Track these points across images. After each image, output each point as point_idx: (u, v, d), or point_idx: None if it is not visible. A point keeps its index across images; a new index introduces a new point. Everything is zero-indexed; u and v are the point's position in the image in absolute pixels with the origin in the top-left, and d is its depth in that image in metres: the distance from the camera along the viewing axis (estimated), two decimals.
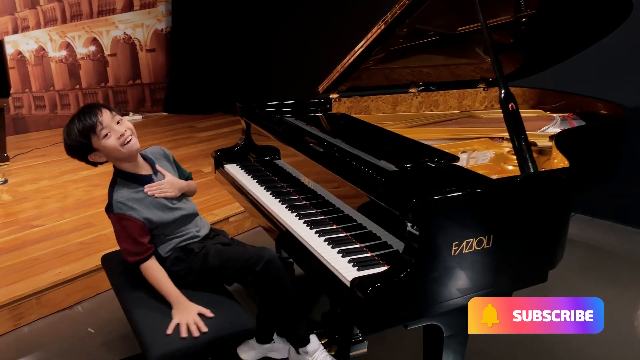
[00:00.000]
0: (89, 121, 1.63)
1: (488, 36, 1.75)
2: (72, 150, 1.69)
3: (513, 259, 1.47)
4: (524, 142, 1.57)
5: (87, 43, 5.77)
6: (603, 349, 2.22)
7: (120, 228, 1.69)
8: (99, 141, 1.65)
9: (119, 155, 1.68)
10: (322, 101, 2.42)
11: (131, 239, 1.68)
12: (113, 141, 1.65)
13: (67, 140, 1.68)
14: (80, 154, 1.69)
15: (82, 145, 1.66)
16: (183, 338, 1.55)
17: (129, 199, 1.69)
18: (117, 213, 1.68)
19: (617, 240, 3.30)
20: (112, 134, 1.65)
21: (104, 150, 1.67)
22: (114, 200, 1.69)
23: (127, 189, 1.71)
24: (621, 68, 3.29)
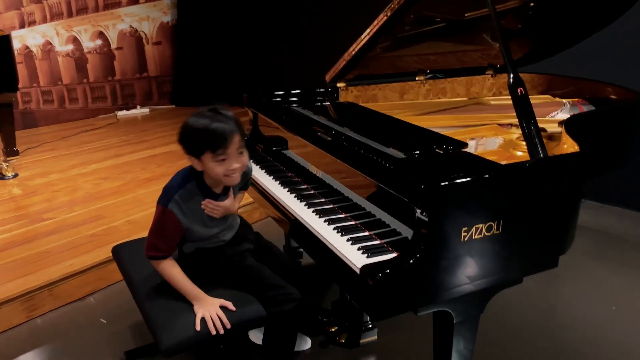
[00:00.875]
0: (217, 141, 1.50)
1: (496, 22, 1.73)
2: (184, 139, 1.57)
3: (523, 244, 1.47)
4: (534, 127, 1.55)
5: (93, 37, 5.78)
6: (614, 333, 2.22)
7: (160, 221, 1.62)
8: (209, 159, 1.54)
9: (215, 178, 1.61)
10: (329, 90, 2.41)
11: (164, 237, 1.63)
12: (220, 169, 1.55)
13: (186, 132, 1.55)
14: (187, 149, 1.58)
15: (191, 147, 1.56)
16: (191, 326, 1.56)
17: (187, 203, 1.62)
18: (168, 208, 1.60)
19: (627, 226, 3.28)
20: (227, 162, 1.55)
21: (206, 167, 1.57)
22: (175, 196, 1.60)
23: (192, 194, 1.63)
24: (631, 52, 3.25)
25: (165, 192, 1.63)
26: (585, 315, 2.36)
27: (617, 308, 2.41)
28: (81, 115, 5.80)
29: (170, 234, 1.64)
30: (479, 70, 2.74)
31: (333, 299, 2.24)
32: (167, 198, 1.60)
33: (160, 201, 1.62)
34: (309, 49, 5.50)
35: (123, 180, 3.80)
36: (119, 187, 3.65)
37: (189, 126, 1.55)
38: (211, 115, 1.53)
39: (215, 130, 1.50)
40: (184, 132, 1.56)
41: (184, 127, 1.56)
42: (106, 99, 5.98)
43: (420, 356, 2.01)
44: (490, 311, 1.56)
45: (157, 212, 1.62)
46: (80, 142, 4.89)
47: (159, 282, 1.73)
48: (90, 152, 4.55)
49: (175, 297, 1.67)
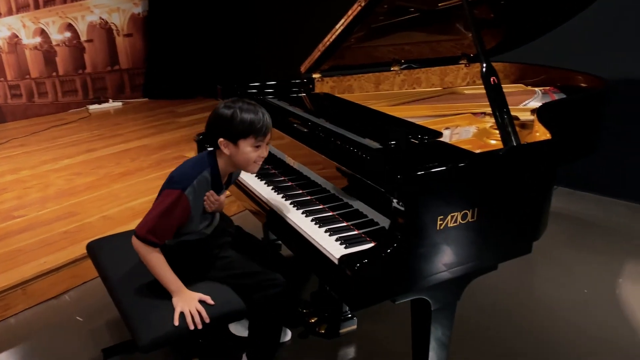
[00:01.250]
0: (264, 125, 1.58)
1: (469, 11, 1.75)
2: (223, 125, 1.58)
3: (498, 231, 1.49)
4: (506, 116, 1.58)
5: (62, 29, 5.63)
6: (586, 316, 2.28)
7: (173, 205, 1.57)
8: (246, 144, 1.59)
9: (241, 164, 1.63)
10: (304, 81, 2.40)
11: (169, 224, 1.59)
12: (254, 155, 1.61)
13: (231, 113, 1.57)
14: (222, 133, 1.59)
15: (235, 131, 1.57)
16: (169, 322, 1.55)
17: (200, 192, 1.62)
18: (185, 194, 1.57)
19: (597, 211, 3.37)
20: (261, 150, 1.62)
21: (239, 152, 1.59)
22: (193, 182, 1.59)
23: (206, 183, 1.63)
24: (600, 40, 3.32)
25: (181, 176, 1.61)
26: (558, 299, 2.42)
27: (588, 291, 2.48)
28: (51, 110, 5.66)
29: (177, 221, 1.60)
30: (453, 60, 2.76)
31: (312, 290, 2.25)
32: (185, 183, 1.58)
33: (176, 185, 1.58)
34: (284, 39, 5.46)
35: (96, 175, 3.72)
36: (92, 183, 3.58)
37: (237, 113, 1.57)
38: (255, 105, 1.61)
39: (262, 118, 1.59)
40: (230, 116, 1.57)
41: (232, 113, 1.57)
42: (77, 92, 5.84)
43: (399, 344, 2.04)
44: (467, 298, 1.59)
45: (169, 196, 1.57)
46: (51, 137, 4.77)
47: (136, 277, 1.71)
48: (62, 147, 4.45)
49: (152, 293, 1.65)
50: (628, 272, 2.62)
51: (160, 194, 1.62)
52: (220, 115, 1.58)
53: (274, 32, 5.58)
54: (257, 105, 1.61)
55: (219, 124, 1.59)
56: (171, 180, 1.62)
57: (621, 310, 2.32)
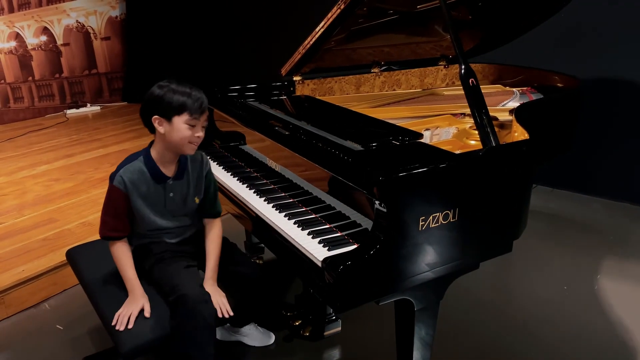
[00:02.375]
0: (200, 101, 1.57)
1: (447, 13, 1.77)
2: (155, 101, 1.58)
3: (478, 231, 1.51)
4: (485, 116, 1.60)
5: (37, 33, 5.54)
6: (564, 312, 2.32)
7: (108, 199, 1.65)
8: (180, 121, 1.57)
9: (176, 144, 1.61)
10: (285, 84, 2.40)
11: (114, 214, 1.65)
12: (188, 133, 1.58)
13: (164, 90, 1.57)
14: (156, 109, 1.58)
15: (169, 108, 1.56)
16: (151, 328, 1.55)
17: (132, 180, 1.63)
18: (115, 185, 1.63)
19: (576, 208, 3.43)
20: (195, 129, 1.59)
21: (173, 131, 1.58)
22: (120, 174, 1.62)
23: (139, 172, 1.64)
24: (575, 41, 3.38)
25: (119, 166, 1.66)
26: (538, 296, 2.46)
27: (568, 288, 2.52)
28: (28, 115, 5.56)
29: (119, 211, 1.64)
30: (432, 62, 2.79)
31: (296, 292, 2.25)
32: (113, 175, 1.64)
33: (110, 180, 1.65)
34: (264, 42, 5.45)
35: (75, 181, 3.67)
36: (71, 189, 3.52)
37: (171, 88, 1.57)
38: (189, 85, 1.60)
39: (198, 95, 1.58)
40: (163, 91, 1.57)
41: (166, 87, 1.58)
42: (54, 97, 5.75)
43: (384, 345, 2.04)
44: (449, 297, 1.60)
45: (108, 189, 1.66)
46: (28, 142, 4.69)
47: (116, 284, 1.69)
48: (40, 153, 4.37)
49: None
50: (605, 268, 2.68)
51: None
52: (153, 94, 1.59)
53: (254, 35, 5.57)
54: (192, 86, 1.61)
55: (152, 103, 1.59)
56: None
57: (599, 306, 2.37)
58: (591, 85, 3.27)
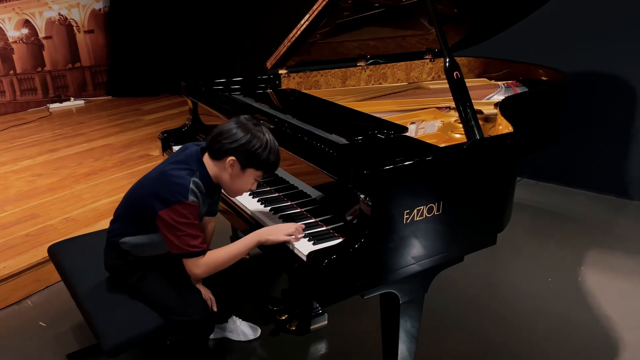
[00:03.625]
0: (273, 167, 1.55)
1: (432, 6, 1.76)
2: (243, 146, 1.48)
3: (463, 224, 1.51)
4: (470, 110, 1.60)
5: (18, 25, 5.44)
6: (549, 304, 2.34)
7: (189, 216, 1.47)
8: (251, 175, 1.54)
9: (232, 188, 1.57)
10: (271, 77, 2.38)
11: (197, 227, 1.50)
12: (248, 186, 1.57)
13: (261, 139, 1.49)
14: (241, 153, 1.49)
15: (250, 159, 1.50)
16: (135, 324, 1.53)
17: (201, 193, 1.51)
18: (192, 202, 1.47)
19: (559, 201, 3.47)
20: (254, 185, 1.58)
21: (242, 178, 1.54)
22: (191, 188, 1.47)
23: (199, 190, 1.51)
24: (560, 34, 3.40)
25: (177, 181, 1.48)
26: (523, 288, 2.48)
27: (552, 280, 2.55)
28: (9, 109, 5.47)
29: (198, 226, 1.50)
30: (418, 55, 2.79)
31: (283, 287, 2.25)
32: (182, 190, 1.47)
33: (175, 196, 1.46)
34: (249, 35, 5.41)
35: (59, 176, 3.62)
36: (54, 184, 3.48)
37: (269, 141, 1.51)
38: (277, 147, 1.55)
39: (278, 158, 1.55)
40: (263, 144, 1.49)
41: (267, 142, 1.50)
42: (36, 91, 5.66)
43: (370, 337, 2.05)
44: (434, 290, 1.61)
45: (176, 210, 1.46)
46: (10, 137, 4.61)
47: (99, 280, 1.67)
48: (22, 147, 4.30)
49: (117, 296, 1.62)
50: (589, 260, 2.71)
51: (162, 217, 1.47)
52: (249, 139, 1.48)
53: (239, 28, 5.53)
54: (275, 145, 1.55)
55: (241, 145, 1.48)
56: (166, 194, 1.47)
57: (583, 298, 2.40)
58: (576, 79, 3.30)
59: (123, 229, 1.63)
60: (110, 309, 1.57)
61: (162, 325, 1.56)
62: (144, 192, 1.55)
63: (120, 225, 1.65)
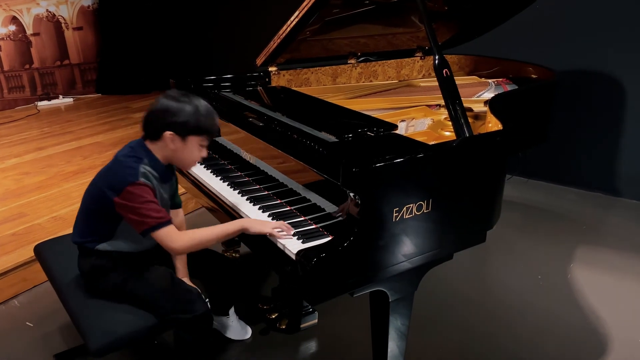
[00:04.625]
0: (214, 130, 1.56)
1: (421, 4, 1.76)
2: (176, 115, 1.49)
3: (452, 221, 1.51)
4: (459, 107, 1.60)
5: (5, 22, 5.37)
6: (538, 301, 2.35)
7: (144, 195, 1.47)
8: (195, 142, 1.54)
9: (182, 162, 1.59)
10: (260, 75, 2.36)
11: (155, 204, 1.49)
12: (197, 156, 1.58)
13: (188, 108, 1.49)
14: (174, 125, 1.50)
15: (189, 127, 1.50)
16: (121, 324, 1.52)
17: (152, 178, 1.52)
18: (145, 182, 1.48)
19: (549, 198, 3.48)
20: (203, 151, 1.59)
21: (187, 149, 1.54)
22: (141, 170, 1.49)
23: (151, 175, 1.52)
24: (551, 32, 3.41)
25: (126, 170, 1.49)
26: (512, 286, 2.48)
27: (542, 277, 2.55)
28: None
29: (157, 202, 1.50)
30: (409, 53, 2.79)
31: (273, 286, 2.23)
32: (133, 174, 1.47)
33: (126, 180, 1.46)
34: (239, 31, 5.38)
35: (46, 174, 3.58)
36: (42, 182, 3.44)
37: (199, 105, 1.52)
38: (209, 107, 1.55)
39: (215, 120, 1.56)
40: (193, 111, 1.51)
41: (195, 108, 1.51)
42: (24, 88, 5.59)
43: (360, 335, 2.04)
44: (423, 288, 1.60)
45: (131, 193, 1.45)
46: None
47: (85, 280, 1.65)
48: (9, 145, 4.25)
49: (103, 295, 1.60)
50: (578, 257, 2.72)
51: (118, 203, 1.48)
52: (178, 108, 1.50)
53: (229, 25, 5.49)
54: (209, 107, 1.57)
55: (172, 116, 1.50)
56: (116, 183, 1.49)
57: (572, 294, 2.41)
58: (566, 76, 3.31)
59: (94, 235, 1.61)
60: (96, 309, 1.56)
61: (152, 325, 1.54)
62: (97, 189, 1.55)
63: (89, 232, 1.62)
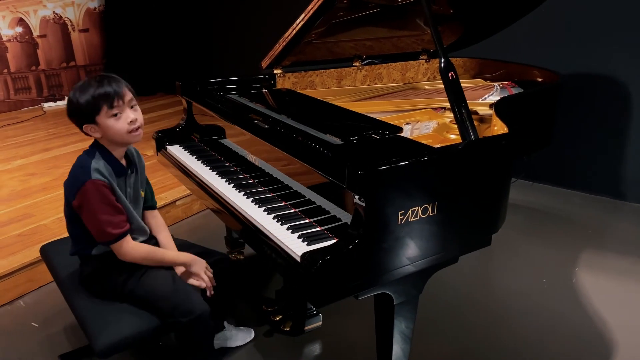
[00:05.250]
0: (108, 89, 1.48)
1: (427, 7, 1.76)
2: (74, 112, 1.52)
3: (457, 224, 1.51)
4: (465, 110, 1.60)
5: (13, 24, 5.41)
6: (543, 305, 2.34)
7: (98, 196, 1.49)
8: (105, 118, 1.50)
9: (120, 139, 1.55)
10: (266, 77, 2.37)
11: (111, 207, 1.51)
12: (122, 124, 1.52)
13: (73, 99, 1.50)
14: (79, 119, 1.53)
15: (86, 112, 1.49)
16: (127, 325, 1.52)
17: (106, 173, 1.53)
18: (95, 179, 1.49)
19: (554, 202, 3.47)
20: (123, 116, 1.52)
21: (105, 129, 1.52)
22: (92, 167, 1.50)
23: (105, 169, 1.54)
24: (556, 35, 3.41)
25: (77, 170, 1.55)
26: (517, 290, 2.48)
27: (546, 280, 2.55)
28: (3, 108, 5.44)
29: (113, 203, 1.53)
30: (414, 56, 2.79)
31: (277, 288, 2.24)
32: (83, 172, 1.51)
33: (79, 180, 1.51)
34: (245, 34, 5.40)
35: (52, 175, 3.60)
36: (48, 183, 3.45)
37: (77, 95, 1.50)
38: (91, 80, 1.52)
39: (102, 84, 1.50)
40: (72, 102, 1.51)
41: (73, 97, 1.51)
42: (30, 90, 5.63)
43: (364, 338, 2.04)
44: (428, 291, 1.60)
45: (83, 194, 1.50)
46: (4, 136, 4.59)
47: (88, 284, 1.65)
48: (15, 147, 4.28)
49: (108, 296, 1.60)
50: (583, 261, 2.71)
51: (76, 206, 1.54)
52: (69, 102, 1.53)
53: (235, 27, 5.51)
54: (100, 76, 1.52)
55: (72, 112, 1.53)
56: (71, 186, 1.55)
57: (577, 299, 2.40)
58: (571, 79, 3.30)
59: (83, 242, 1.63)
60: (101, 310, 1.56)
61: (157, 326, 1.55)
62: (65, 195, 1.59)
63: (77, 239, 1.65)
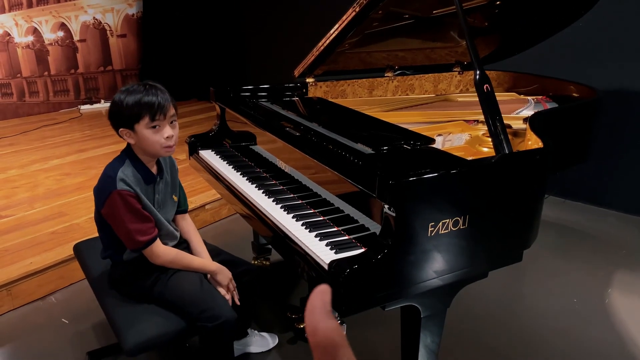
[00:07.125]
0: (154, 99, 1.50)
1: (463, 19, 1.75)
2: (116, 113, 1.54)
3: (488, 239, 1.49)
4: (499, 123, 1.58)
5: (54, 28, 5.60)
6: (575, 325, 2.28)
7: (124, 205, 1.51)
8: (143, 128, 1.52)
9: (152, 151, 1.57)
10: (298, 85, 2.39)
11: (139, 216, 1.54)
12: (158, 137, 1.53)
13: (119, 101, 1.52)
14: (118, 121, 1.55)
15: (127, 117, 1.51)
16: (155, 325, 1.54)
17: (133, 184, 1.55)
18: (121, 190, 1.51)
19: (588, 220, 3.38)
20: (161, 131, 1.54)
21: (141, 138, 1.54)
22: (118, 177, 1.52)
23: (133, 176, 1.57)
24: (593, 50, 3.34)
25: (105, 179, 1.57)
26: (547, 308, 2.42)
27: (578, 300, 2.48)
28: (42, 109, 5.62)
29: (140, 212, 1.55)
30: (447, 67, 2.77)
31: (302, 295, 2.24)
32: (110, 182, 1.53)
33: (106, 190, 1.53)
34: (278, 43, 5.46)
35: (86, 176, 3.69)
36: (82, 183, 3.55)
37: (123, 98, 1.52)
38: (145, 88, 1.54)
39: (151, 94, 1.52)
40: (118, 104, 1.53)
41: (118, 99, 1.53)
42: (69, 92, 5.81)
43: (388, 350, 2.02)
44: (457, 305, 1.58)
45: (110, 203, 1.52)
46: (42, 136, 4.73)
47: (118, 286, 1.68)
48: (52, 147, 4.41)
49: (139, 296, 1.63)
50: (616, 282, 2.63)
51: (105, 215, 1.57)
52: (113, 103, 1.55)
53: (268, 36, 5.58)
54: (149, 84, 1.54)
55: (113, 116, 1.55)
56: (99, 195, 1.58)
57: (609, 320, 2.33)
58: (609, 95, 3.23)
59: (114, 247, 1.66)
60: (131, 309, 1.59)
61: (184, 327, 1.57)
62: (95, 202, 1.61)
63: (108, 246, 1.68)
